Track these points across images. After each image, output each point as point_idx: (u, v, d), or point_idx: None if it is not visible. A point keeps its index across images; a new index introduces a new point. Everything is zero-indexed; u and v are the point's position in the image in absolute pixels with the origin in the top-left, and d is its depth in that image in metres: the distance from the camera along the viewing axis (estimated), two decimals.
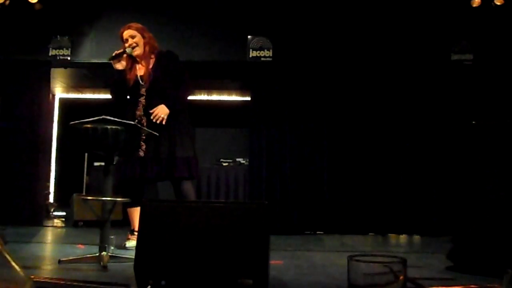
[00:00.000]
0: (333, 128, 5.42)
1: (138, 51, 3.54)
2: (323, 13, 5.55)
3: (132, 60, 3.57)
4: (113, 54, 3.47)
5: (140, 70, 3.58)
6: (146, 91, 3.51)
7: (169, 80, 3.57)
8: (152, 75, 3.52)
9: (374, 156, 5.36)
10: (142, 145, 3.41)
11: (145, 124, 3.42)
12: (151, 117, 3.43)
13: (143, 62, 3.58)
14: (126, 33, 3.56)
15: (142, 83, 3.52)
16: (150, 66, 3.57)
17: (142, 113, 3.48)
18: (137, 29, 3.57)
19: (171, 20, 5.54)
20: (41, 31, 5.59)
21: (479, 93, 5.27)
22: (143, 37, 3.57)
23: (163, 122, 3.44)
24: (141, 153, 3.42)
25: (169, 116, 3.48)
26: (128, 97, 3.60)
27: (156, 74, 3.54)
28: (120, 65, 3.49)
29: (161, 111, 3.45)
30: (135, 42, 3.53)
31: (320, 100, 5.46)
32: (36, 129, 5.58)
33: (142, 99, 3.50)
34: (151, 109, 3.46)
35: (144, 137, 3.36)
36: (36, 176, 5.54)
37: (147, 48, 3.57)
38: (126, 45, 3.53)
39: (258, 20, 5.58)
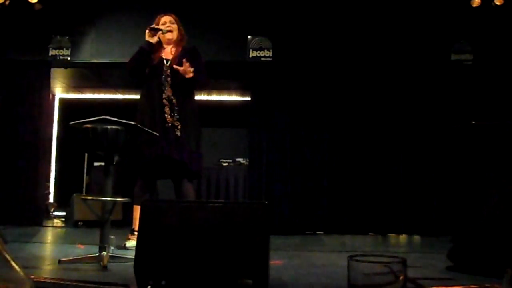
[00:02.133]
0: (333, 128, 5.42)
1: (171, 36, 3.68)
2: (323, 13, 5.55)
3: (159, 46, 3.68)
4: (152, 26, 3.60)
5: (166, 54, 3.68)
6: (170, 72, 3.57)
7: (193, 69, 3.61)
8: (178, 59, 3.58)
9: (374, 156, 5.36)
10: (178, 124, 3.48)
11: (175, 102, 3.50)
12: (181, 70, 3.45)
13: (172, 49, 3.69)
14: (166, 18, 3.72)
15: (167, 64, 3.61)
16: (178, 54, 3.67)
17: (171, 93, 3.54)
18: (176, 20, 3.74)
19: None
20: (41, 31, 5.59)
21: (479, 93, 5.27)
22: (179, 28, 3.73)
23: (190, 74, 3.45)
24: (178, 133, 3.46)
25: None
26: (145, 80, 3.65)
27: (183, 60, 3.59)
28: (151, 38, 3.60)
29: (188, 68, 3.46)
30: (171, 27, 3.68)
31: (320, 100, 5.46)
32: (36, 129, 5.59)
33: (169, 79, 3.57)
34: (175, 91, 3.53)
35: (178, 116, 3.47)
36: (36, 176, 5.54)
37: (180, 39, 3.70)
38: (163, 26, 3.65)
39: (258, 20, 5.59)
